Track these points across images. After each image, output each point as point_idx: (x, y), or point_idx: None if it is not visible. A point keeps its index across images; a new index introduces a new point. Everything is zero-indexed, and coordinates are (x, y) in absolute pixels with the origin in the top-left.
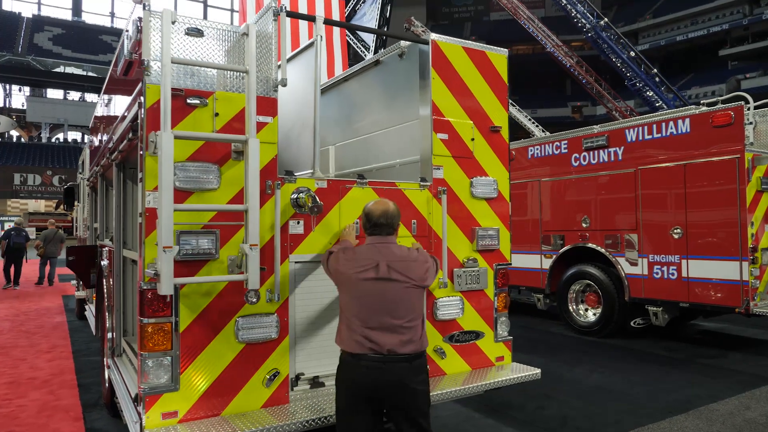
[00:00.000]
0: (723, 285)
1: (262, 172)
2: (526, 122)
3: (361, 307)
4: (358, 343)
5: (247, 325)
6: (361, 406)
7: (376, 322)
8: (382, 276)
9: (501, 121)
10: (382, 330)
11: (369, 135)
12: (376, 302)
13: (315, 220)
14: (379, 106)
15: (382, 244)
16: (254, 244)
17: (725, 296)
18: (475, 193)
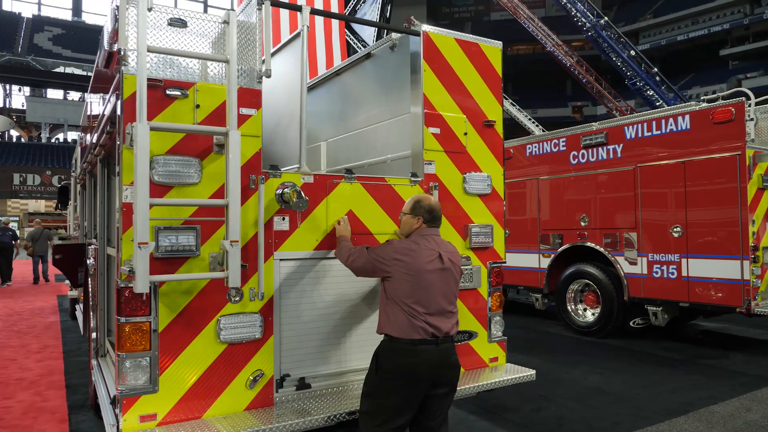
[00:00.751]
0: (724, 284)
1: (246, 166)
2: (525, 121)
3: (427, 295)
4: (420, 329)
5: (230, 325)
6: (419, 389)
7: (437, 309)
8: (445, 266)
9: (495, 116)
10: (440, 315)
11: (360, 130)
12: (439, 290)
13: (301, 216)
14: (370, 101)
15: (437, 236)
16: (235, 241)
17: (726, 296)
18: (468, 189)
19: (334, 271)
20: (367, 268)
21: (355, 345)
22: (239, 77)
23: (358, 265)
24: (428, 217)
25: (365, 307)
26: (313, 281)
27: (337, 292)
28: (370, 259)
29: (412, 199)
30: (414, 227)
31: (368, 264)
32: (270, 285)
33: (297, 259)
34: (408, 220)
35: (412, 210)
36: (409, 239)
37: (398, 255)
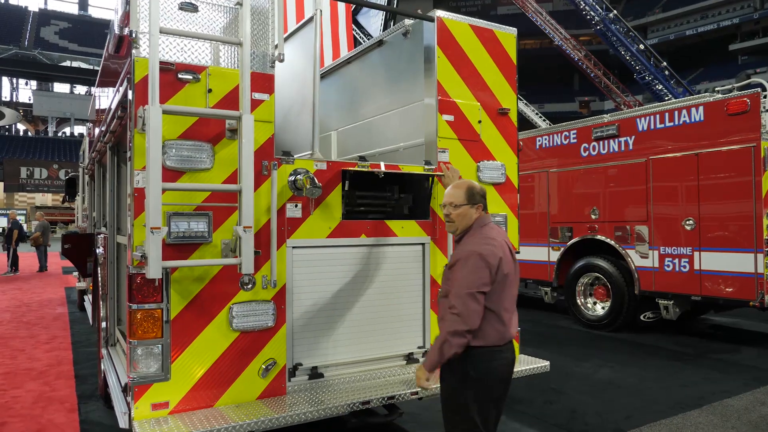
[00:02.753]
0: (737, 278)
1: (258, 152)
2: (532, 115)
3: (510, 296)
4: (504, 334)
5: (242, 313)
6: (502, 395)
7: (512, 310)
8: (515, 259)
9: (509, 103)
10: (513, 314)
11: (372, 119)
12: (515, 290)
13: (314, 203)
14: (382, 89)
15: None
16: (248, 227)
17: (739, 289)
18: (482, 178)
19: (347, 259)
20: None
21: (369, 334)
22: (252, 61)
23: (480, 304)
24: (485, 202)
25: (379, 295)
26: (326, 269)
27: (350, 280)
28: (481, 299)
29: (460, 187)
30: (474, 217)
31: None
32: (282, 273)
33: (310, 246)
34: (466, 211)
35: (469, 199)
36: (480, 236)
37: (497, 267)
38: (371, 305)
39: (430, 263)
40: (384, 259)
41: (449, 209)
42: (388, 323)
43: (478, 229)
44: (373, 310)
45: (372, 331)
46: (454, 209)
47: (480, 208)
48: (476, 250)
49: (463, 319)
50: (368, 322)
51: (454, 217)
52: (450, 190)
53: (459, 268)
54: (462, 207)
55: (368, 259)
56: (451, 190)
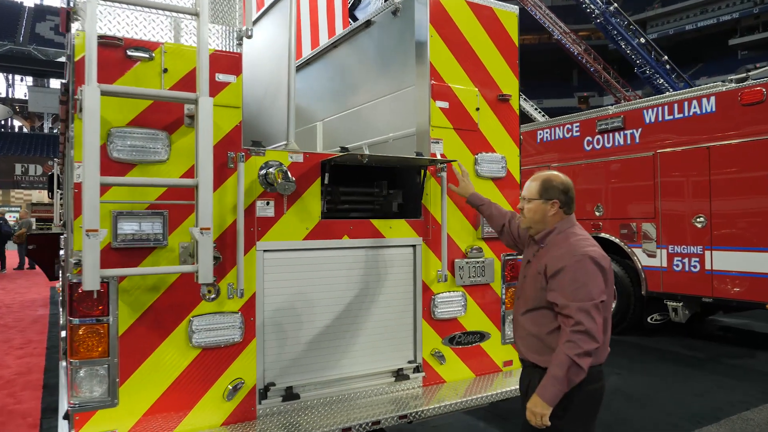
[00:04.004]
0: (752, 278)
1: (223, 141)
2: (530, 109)
3: (610, 305)
4: (607, 349)
5: (204, 326)
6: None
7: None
8: None
9: (511, 89)
10: None
11: (360, 107)
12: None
13: (288, 200)
14: (371, 74)
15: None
16: (206, 228)
17: (754, 290)
18: (481, 172)
19: (327, 264)
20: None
21: (353, 348)
22: (215, 38)
23: (597, 317)
24: (565, 199)
25: (364, 304)
26: (303, 275)
27: (331, 287)
28: (601, 310)
29: (536, 180)
30: (550, 214)
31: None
32: (251, 280)
33: (284, 250)
34: (538, 207)
35: (542, 193)
36: (575, 237)
37: (607, 271)
38: (355, 316)
39: (422, 267)
40: (369, 263)
41: (523, 203)
42: (374, 336)
43: (567, 229)
44: (357, 321)
45: (356, 345)
46: (526, 203)
47: (556, 205)
48: (587, 253)
49: (592, 336)
50: (352, 335)
51: (526, 211)
52: (527, 183)
53: (570, 276)
54: (534, 202)
55: (351, 264)
56: (528, 183)
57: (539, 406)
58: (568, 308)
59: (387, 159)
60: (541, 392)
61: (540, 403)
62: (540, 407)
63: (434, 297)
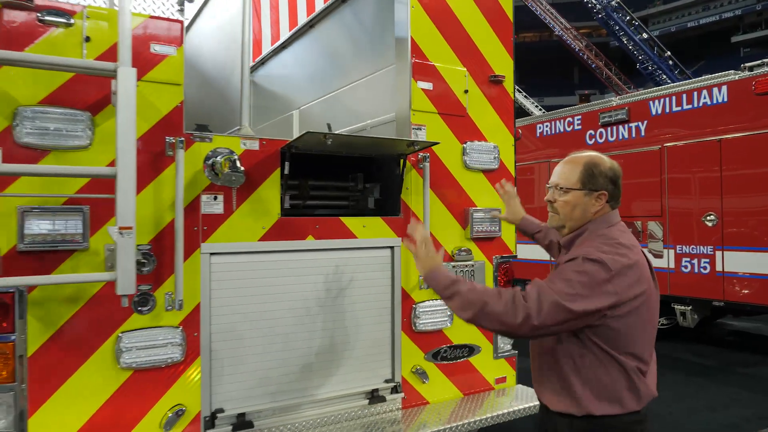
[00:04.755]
0: (766, 281)
1: (160, 125)
2: (525, 102)
3: (650, 336)
4: (644, 392)
5: (135, 344)
6: None
7: (652, 355)
8: (656, 281)
9: (504, 69)
10: (653, 364)
11: (338, 91)
12: (656, 325)
13: (240, 194)
14: (349, 53)
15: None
16: (126, 228)
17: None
18: (470, 163)
19: (288, 269)
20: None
21: (320, 367)
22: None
23: (558, 326)
24: (613, 190)
25: (333, 315)
26: (259, 283)
27: (293, 297)
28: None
29: (576, 163)
30: (592, 211)
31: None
32: (195, 288)
33: (235, 252)
34: (578, 200)
35: (586, 181)
36: (603, 240)
37: (636, 283)
38: (322, 329)
39: (402, 272)
40: (339, 268)
41: (554, 193)
42: (344, 352)
43: (600, 229)
44: (324, 336)
45: (323, 364)
46: (560, 194)
47: (603, 198)
48: (602, 259)
49: (518, 316)
50: (318, 352)
51: (559, 205)
52: (560, 166)
53: (568, 268)
54: (573, 193)
55: (318, 269)
56: (562, 166)
57: (425, 268)
58: (534, 282)
59: (354, 141)
60: (434, 272)
61: (428, 271)
62: (425, 269)
63: (415, 306)
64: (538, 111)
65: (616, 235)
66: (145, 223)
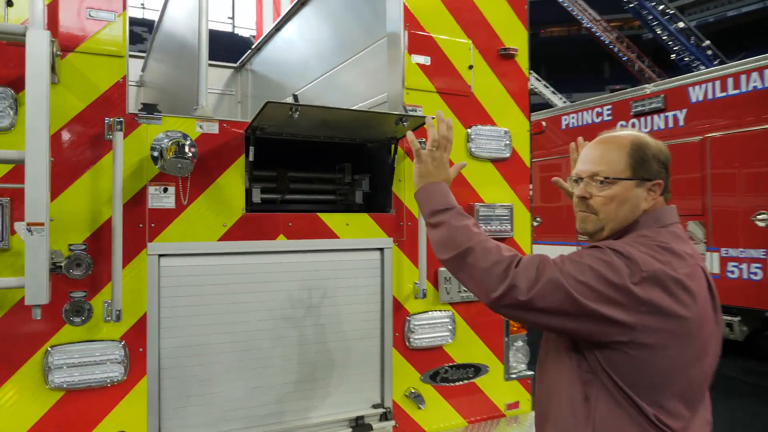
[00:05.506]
0: None
1: (98, 103)
2: (545, 91)
3: (700, 379)
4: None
5: (67, 361)
6: None
7: (701, 403)
8: (717, 302)
9: (517, 41)
10: (706, 413)
11: (329, 73)
12: (713, 361)
13: (193, 186)
14: (340, 29)
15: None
16: (35, 223)
17: None
18: (475, 151)
19: (254, 274)
20: (570, 318)
21: (293, 390)
22: None
23: (548, 315)
24: (667, 179)
25: (310, 329)
26: (220, 290)
27: (262, 307)
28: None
29: (615, 144)
30: (642, 208)
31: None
32: (140, 297)
33: (189, 254)
34: (626, 193)
35: (637, 167)
36: (649, 244)
37: (678, 303)
38: (297, 344)
39: (393, 278)
40: (318, 273)
41: (587, 187)
42: (324, 372)
43: (645, 229)
44: (300, 353)
45: (298, 385)
46: (600, 187)
47: (658, 189)
48: (632, 255)
49: (501, 281)
50: (292, 371)
51: (597, 203)
52: (593, 149)
53: (587, 253)
54: (620, 184)
55: (291, 274)
56: (597, 149)
57: (423, 177)
58: (533, 255)
59: (326, 115)
60: (433, 187)
61: (426, 183)
62: (422, 179)
63: (409, 318)
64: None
65: (667, 239)
66: (79, 219)
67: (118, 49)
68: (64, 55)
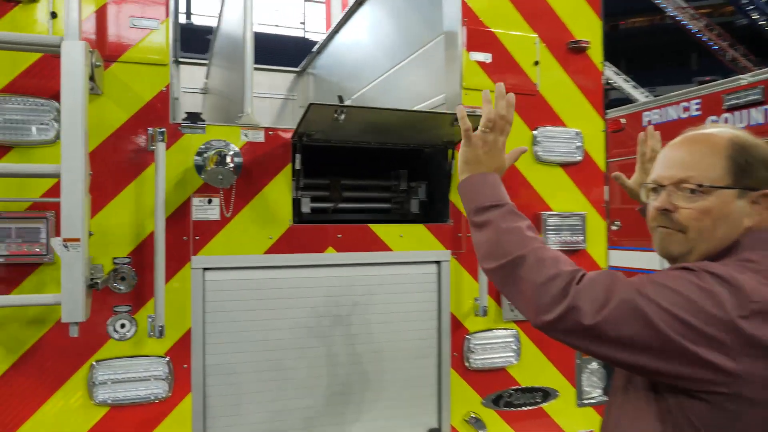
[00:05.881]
0: None
1: (141, 114)
2: (623, 84)
3: None
4: None
5: (111, 376)
6: None
7: None
8: None
9: (589, 33)
10: None
11: (387, 74)
12: None
13: (238, 197)
14: (398, 28)
15: None
16: (72, 239)
17: None
18: (542, 155)
19: (301, 289)
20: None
21: (343, 412)
22: None
23: (617, 348)
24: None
25: (361, 349)
26: (265, 306)
27: (309, 324)
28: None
29: (715, 143)
30: (746, 226)
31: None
32: (184, 311)
33: (234, 268)
34: (727, 205)
35: (739, 174)
36: (757, 268)
37: None
38: (347, 364)
39: (451, 294)
40: (369, 288)
41: (672, 197)
42: (375, 393)
43: (754, 253)
44: (349, 372)
45: (348, 407)
46: (687, 198)
47: (766, 200)
48: (738, 282)
49: (558, 300)
50: (342, 392)
51: (685, 218)
52: (679, 150)
53: (676, 275)
54: (717, 194)
55: (340, 289)
56: (683, 150)
57: (470, 165)
58: (601, 271)
59: (374, 117)
60: (481, 179)
61: (473, 174)
62: (469, 168)
63: (469, 337)
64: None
65: None
66: (124, 232)
67: (161, 58)
68: (108, 65)
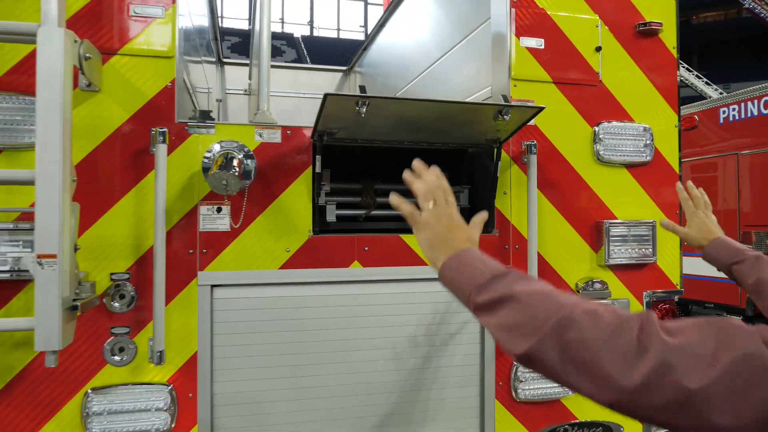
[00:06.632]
0: None
1: (144, 113)
2: (695, 81)
3: None
4: None
5: (106, 406)
6: None
7: None
8: None
9: (661, 13)
10: None
11: (434, 66)
12: None
13: (250, 204)
14: (441, 19)
15: None
16: (46, 255)
17: None
18: (604, 154)
19: (324, 309)
20: None
21: None
22: None
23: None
24: None
25: (392, 376)
26: (282, 327)
27: (333, 348)
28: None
29: None
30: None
31: None
32: (190, 333)
33: (247, 284)
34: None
35: None
36: None
37: None
38: (375, 392)
39: None
40: (400, 308)
41: None
42: (409, 427)
43: None
44: (379, 402)
45: None
46: None
47: None
48: None
49: (639, 364)
50: (370, 425)
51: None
52: None
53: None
54: None
55: (366, 309)
56: None
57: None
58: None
59: (399, 104)
60: (461, 257)
61: (444, 253)
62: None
63: (517, 365)
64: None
65: None
66: (123, 245)
67: (166, 50)
68: (106, 59)
